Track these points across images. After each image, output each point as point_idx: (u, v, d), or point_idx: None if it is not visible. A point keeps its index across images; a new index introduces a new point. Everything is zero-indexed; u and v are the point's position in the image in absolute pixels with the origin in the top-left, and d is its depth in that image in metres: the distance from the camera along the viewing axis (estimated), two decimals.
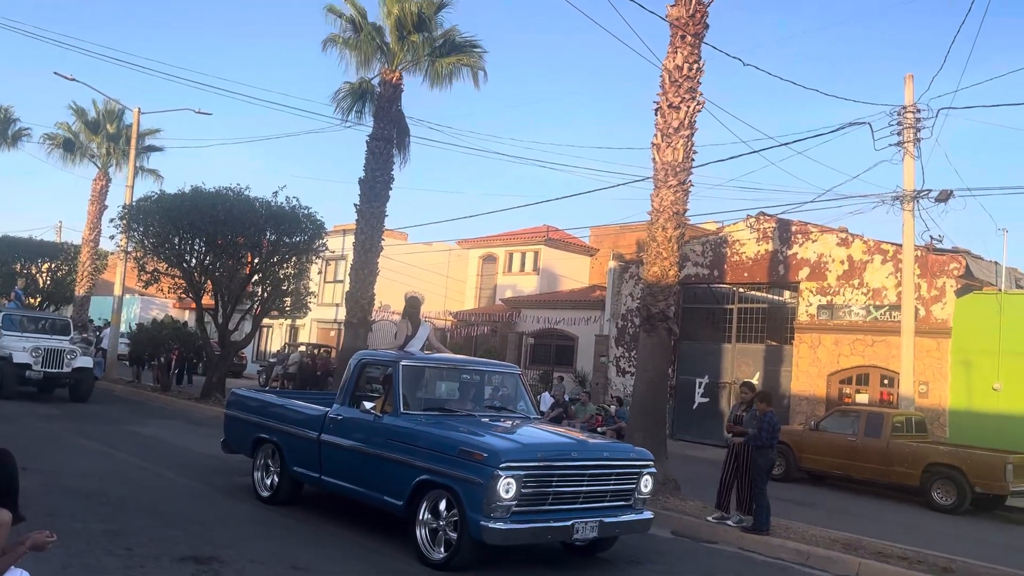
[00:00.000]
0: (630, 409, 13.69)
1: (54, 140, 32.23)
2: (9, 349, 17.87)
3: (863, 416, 16.00)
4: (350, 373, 8.74)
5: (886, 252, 20.48)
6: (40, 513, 6.85)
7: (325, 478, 8.42)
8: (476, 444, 7.01)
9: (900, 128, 17.59)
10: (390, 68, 21.45)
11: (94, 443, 12.57)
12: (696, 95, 12.81)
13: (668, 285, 12.53)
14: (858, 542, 9.56)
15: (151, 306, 44.76)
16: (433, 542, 7.13)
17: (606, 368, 25.96)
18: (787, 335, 22.49)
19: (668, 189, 12.53)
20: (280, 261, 21.40)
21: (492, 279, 36.59)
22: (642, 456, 7.87)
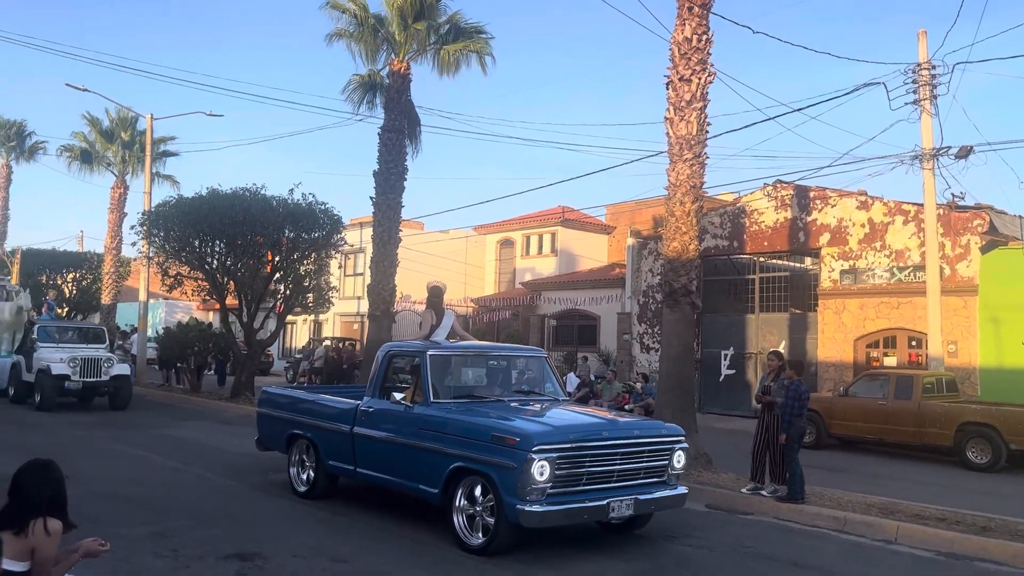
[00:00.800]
0: (658, 385, 13.70)
1: (71, 151, 32.57)
2: (47, 361, 17.83)
3: (892, 379, 15.91)
4: (378, 365, 8.82)
5: (907, 213, 20.27)
6: (84, 520, 6.96)
7: (360, 470, 8.52)
8: (508, 429, 7.06)
9: (915, 86, 17.35)
10: (397, 58, 21.42)
11: (131, 448, 12.77)
12: (707, 66, 12.69)
13: (689, 259, 12.49)
14: (895, 506, 9.54)
15: (176, 310, 45.19)
16: (471, 528, 7.21)
17: (630, 346, 25.95)
18: (811, 302, 22.36)
19: (684, 163, 12.46)
20: (300, 258, 21.54)
21: (510, 263, 36.61)
22: (673, 432, 7.90)
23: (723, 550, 7.69)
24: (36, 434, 13.68)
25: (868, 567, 7.38)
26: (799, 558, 7.51)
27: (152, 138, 28.39)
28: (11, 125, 39.20)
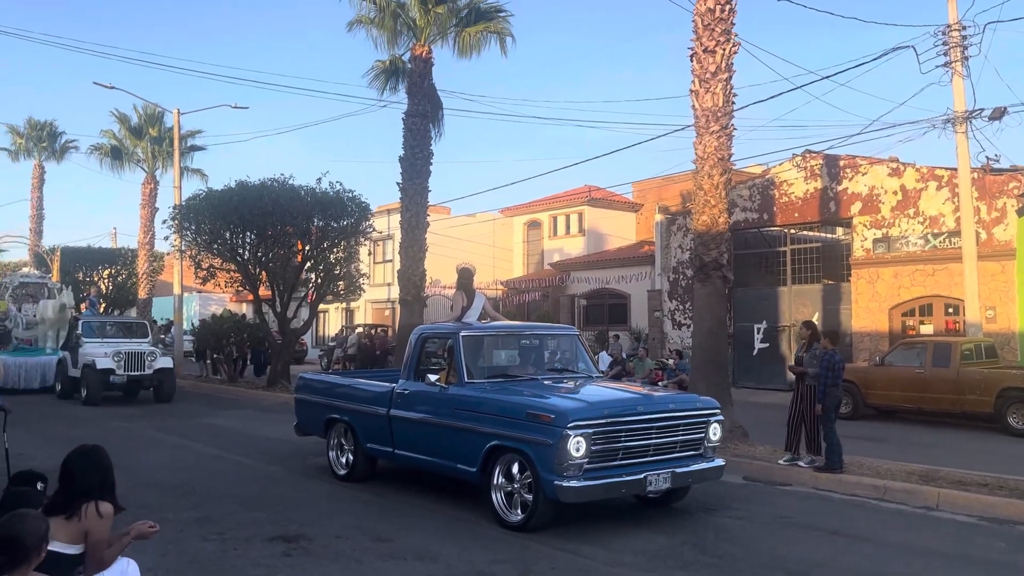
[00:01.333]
0: (691, 360, 13.66)
1: (101, 149, 33.09)
2: (92, 356, 18.03)
3: (930, 347, 15.72)
4: (412, 348, 8.90)
5: (941, 178, 19.92)
6: (133, 506, 7.12)
7: (398, 452, 8.62)
8: (543, 406, 7.11)
9: (946, 48, 16.99)
10: (419, 43, 21.41)
11: (172, 437, 13.03)
12: (731, 37, 12.54)
13: (719, 233, 12.40)
14: (935, 473, 9.46)
15: (209, 302, 45.82)
16: (509, 505, 7.28)
17: (661, 322, 25.87)
18: (844, 272, 22.11)
19: (711, 135, 12.36)
20: (330, 246, 21.70)
21: (538, 244, 36.56)
22: (708, 404, 7.90)
23: (762, 520, 7.69)
24: (80, 427, 14.00)
25: (910, 534, 7.33)
26: (840, 527, 7.48)
27: (179, 133, 28.73)
28: (42, 126, 39.89)
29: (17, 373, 20.27)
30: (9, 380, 19.75)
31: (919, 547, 6.86)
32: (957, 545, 6.97)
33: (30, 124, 39.66)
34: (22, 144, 39.86)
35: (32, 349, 21.92)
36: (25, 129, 39.66)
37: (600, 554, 6.44)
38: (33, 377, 20.50)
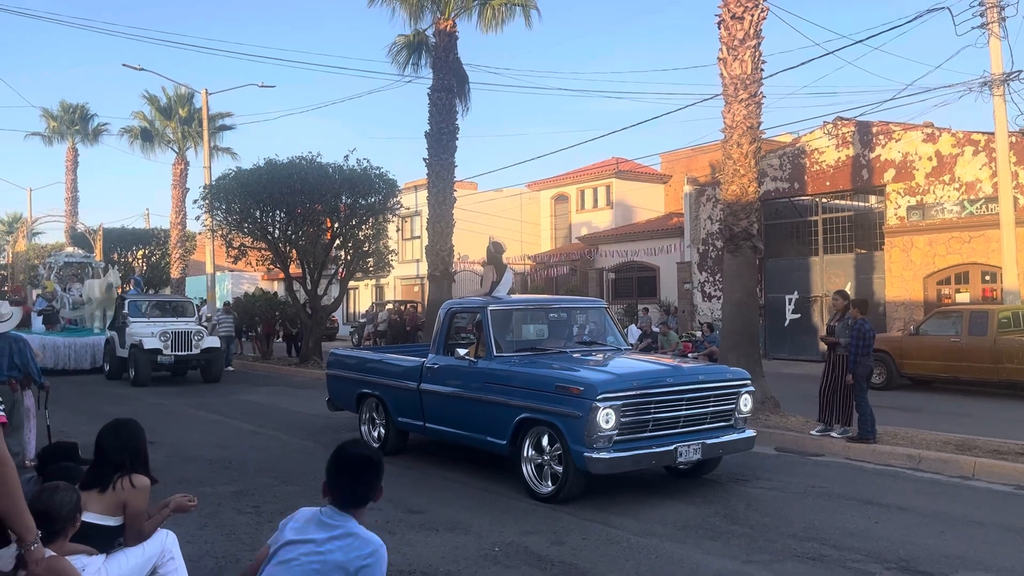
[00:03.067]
0: (721, 331, 13.58)
1: (132, 131, 33.47)
2: (139, 336, 17.78)
3: (966, 315, 15.46)
4: (440, 323, 8.94)
5: (977, 143, 19.48)
6: (170, 480, 7.32)
7: (429, 425, 8.70)
8: (572, 379, 7.12)
9: (982, 9, 16.55)
10: (443, 16, 21.28)
11: (208, 413, 13.26)
12: (759, 2, 12.31)
13: (749, 202, 12.26)
14: (971, 442, 9.34)
15: (241, 280, 46.28)
16: (540, 477, 7.32)
17: (691, 295, 25.72)
18: (877, 241, 21.78)
19: (739, 104, 12.18)
20: (358, 223, 21.78)
21: (566, 218, 36.41)
22: (739, 376, 7.86)
23: (794, 491, 7.66)
24: (119, 404, 14.28)
25: (946, 503, 7.27)
26: (874, 497, 7.43)
27: (208, 113, 28.93)
28: (75, 109, 40.41)
29: (67, 354, 20.26)
30: (60, 361, 19.89)
31: (955, 516, 6.80)
32: (993, 514, 6.89)
33: (63, 107, 40.20)
34: (56, 127, 40.43)
35: (80, 329, 21.96)
36: (58, 112, 40.22)
37: (631, 524, 6.46)
38: (83, 357, 20.43)
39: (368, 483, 2.87)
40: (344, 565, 2.74)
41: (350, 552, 2.76)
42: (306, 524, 2.85)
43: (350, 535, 2.79)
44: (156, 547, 4.08)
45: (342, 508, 2.85)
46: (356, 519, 2.87)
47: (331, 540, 2.78)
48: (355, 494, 2.86)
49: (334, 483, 2.87)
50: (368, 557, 2.76)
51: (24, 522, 2.54)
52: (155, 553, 4.06)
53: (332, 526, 2.81)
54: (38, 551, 2.65)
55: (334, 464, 2.90)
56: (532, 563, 5.55)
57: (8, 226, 61.08)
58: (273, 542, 2.91)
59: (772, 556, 5.72)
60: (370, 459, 2.91)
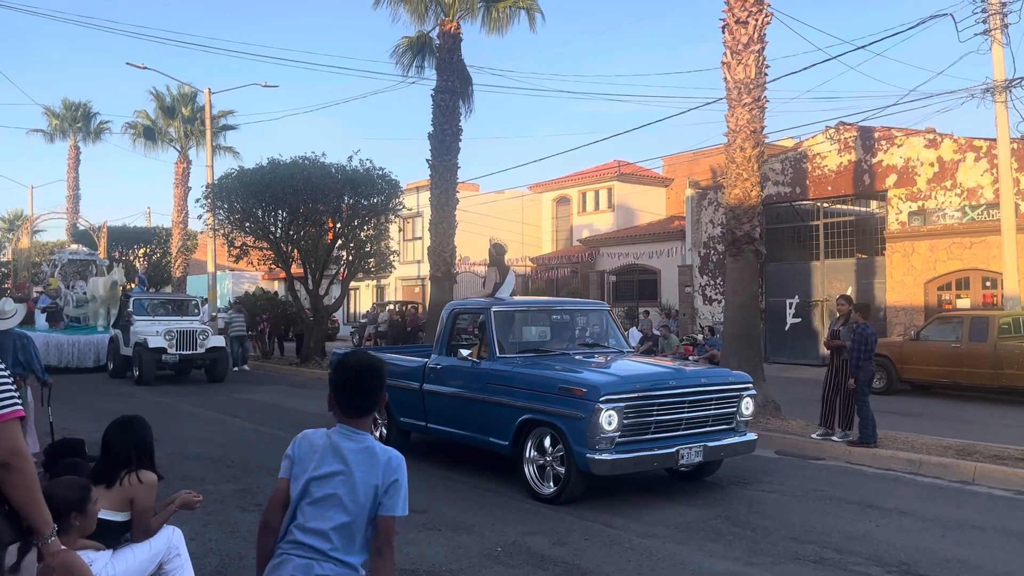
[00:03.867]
0: (723, 335, 13.61)
1: (135, 129, 33.50)
2: (143, 334, 17.54)
3: (966, 321, 15.48)
4: (444, 324, 8.96)
5: (979, 149, 19.51)
6: (174, 478, 7.33)
7: (431, 426, 8.72)
8: (575, 380, 7.15)
9: (985, 16, 16.57)
10: (447, 18, 21.32)
11: (210, 412, 13.28)
12: (763, 7, 12.35)
13: (751, 206, 12.30)
14: (972, 447, 9.37)
15: (242, 280, 46.30)
16: (541, 478, 7.35)
17: (692, 298, 25.75)
18: (878, 246, 21.81)
19: (743, 108, 12.22)
20: (360, 224, 21.81)
21: (567, 221, 36.43)
22: (740, 379, 7.89)
23: (795, 494, 7.69)
24: (121, 401, 14.29)
25: (946, 508, 7.29)
26: (874, 500, 7.46)
27: (211, 112, 28.96)
28: (77, 107, 40.47)
29: (71, 352, 20.17)
30: (63, 358, 19.81)
31: (955, 520, 6.83)
32: (993, 518, 6.92)
33: (65, 105, 40.28)
34: (57, 125, 40.50)
35: (84, 327, 21.87)
36: (60, 110, 40.28)
37: (633, 526, 6.49)
38: (87, 355, 20.32)
39: (375, 390, 2.86)
40: (375, 482, 2.74)
41: (377, 468, 2.75)
42: (324, 452, 2.80)
43: (371, 450, 2.79)
44: (162, 543, 4.10)
45: (351, 416, 2.83)
46: (366, 429, 2.87)
47: (356, 462, 2.76)
48: (364, 402, 2.84)
49: (342, 393, 2.84)
50: (396, 471, 2.77)
51: (42, 515, 2.56)
52: (161, 549, 4.09)
53: (354, 448, 2.79)
54: (54, 544, 2.68)
55: (341, 374, 2.87)
56: (535, 563, 5.57)
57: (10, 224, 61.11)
58: (293, 477, 2.84)
59: (774, 559, 5.74)
60: (373, 365, 2.89)
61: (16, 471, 2.47)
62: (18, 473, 2.47)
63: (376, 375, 2.87)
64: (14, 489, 2.48)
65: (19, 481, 2.47)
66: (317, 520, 2.74)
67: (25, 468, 2.48)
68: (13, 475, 2.47)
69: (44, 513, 2.58)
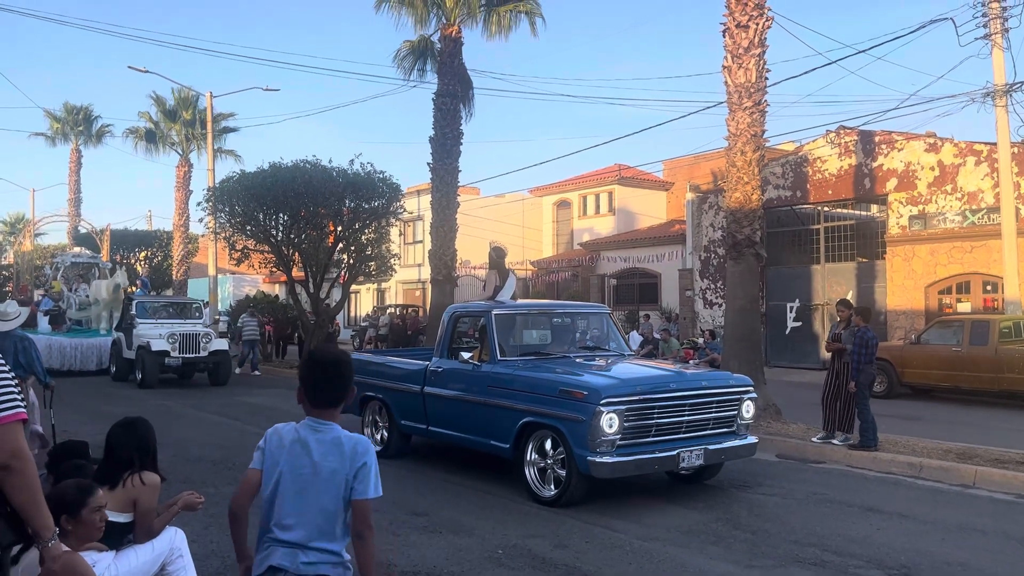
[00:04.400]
0: (724, 338, 13.62)
1: (136, 133, 33.58)
2: (146, 337, 17.43)
3: (967, 325, 15.49)
4: (445, 327, 8.97)
5: (979, 153, 19.54)
6: (174, 481, 7.32)
7: (432, 428, 8.73)
8: (576, 383, 7.16)
9: (986, 20, 16.62)
10: (448, 22, 21.37)
11: (210, 415, 13.29)
12: (764, 11, 12.38)
13: (752, 210, 12.32)
14: (972, 451, 9.37)
15: (243, 283, 46.36)
16: (542, 480, 7.36)
17: (692, 302, 25.76)
18: (878, 250, 21.83)
19: (743, 111, 12.24)
20: (361, 227, 21.81)
21: (568, 224, 36.47)
22: (741, 382, 7.90)
23: (796, 497, 7.69)
24: (122, 404, 14.28)
25: (947, 511, 7.29)
26: (875, 504, 7.46)
27: (212, 115, 29.00)
28: (79, 111, 40.54)
29: (73, 354, 20.09)
30: (66, 361, 19.75)
31: (955, 524, 6.83)
32: (994, 522, 6.92)
33: (67, 109, 40.33)
34: (59, 129, 40.57)
35: (86, 330, 21.81)
36: (62, 114, 40.35)
37: (633, 529, 6.49)
38: (89, 358, 20.25)
39: (341, 382, 2.95)
40: (344, 470, 2.83)
41: (344, 455, 2.84)
42: (293, 446, 2.88)
43: (337, 440, 2.87)
44: (165, 544, 4.12)
45: (318, 407, 2.91)
46: (335, 420, 2.94)
47: (324, 452, 2.84)
48: (332, 393, 2.93)
49: (312, 386, 2.93)
50: (363, 455, 2.86)
51: (42, 518, 2.57)
52: (164, 550, 4.10)
53: (320, 439, 2.87)
54: (55, 547, 2.69)
55: (309, 368, 2.98)
56: (536, 566, 5.58)
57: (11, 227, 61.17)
58: (265, 469, 2.91)
59: (775, 561, 5.75)
60: (339, 359, 3.00)
61: (17, 473, 2.48)
62: (19, 475, 2.48)
63: (341, 368, 2.96)
64: (15, 491, 2.49)
65: (20, 483, 2.48)
66: (294, 514, 2.83)
67: (26, 470, 2.49)
68: (14, 477, 2.48)
69: (45, 516, 2.59)
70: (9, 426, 2.48)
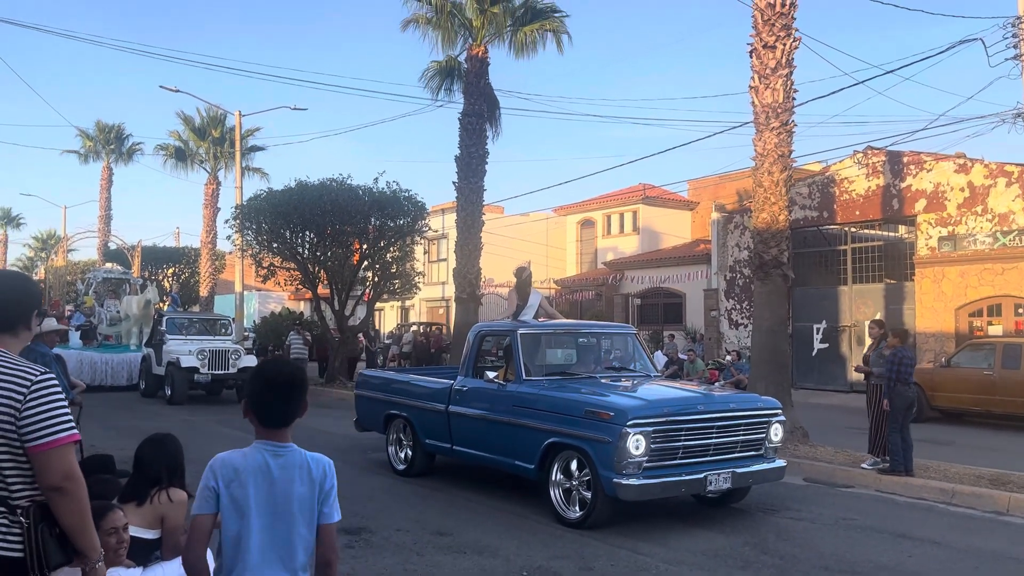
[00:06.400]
0: (751, 359, 13.50)
1: (167, 150, 34.07)
2: (176, 354, 17.56)
3: (999, 348, 15.23)
4: (470, 345, 8.96)
5: (1011, 174, 19.28)
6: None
7: (456, 448, 8.71)
8: (602, 404, 7.11)
9: (1016, 40, 16.42)
10: (475, 43, 21.53)
11: (236, 432, 13.35)
12: (791, 31, 12.36)
13: (779, 230, 12.23)
14: (1006, 477, 9.18)
15: (268, 300, 46.73)
16: (567, 502, 7.29)
17: (717, 322, 25.57)
18: (907, 271, 21.55)
19: (771, 132, 12.19)
20: (386, 245, 21.94)
21: (592, 243, 36.43)
22: (769, 404, 7.80)
23: (825, 522, 7.57)
24: (147, 420, 14.43)
25: (980, 538, 7.14)
26: (906, 530, 7.32)
27: (241, 134, 29.35)
28: (111, 129, 41.25)
29: (104, 369, 20.27)
30: (96, 377, 19.89)
31: (988, 551, 6.68)
32: None
33: (99, 127, 41.05)
34: (91, 147, 41.28)
35: (117, 345, 22.02)
36: (94, 132, 41.07)
37: (659, 552, 6.42)
38: (119, 373, 20.43)
39: (295, 399, 2.74)
40: (313, 494, 2.70)
41: (312, 480, 2.70)
42: (255, 475, 2.66)
43: (303, 463, 2.71)
44: None
45: (272, 427, 2.72)
46: (285, 439, 2.75)
47: (291, 479, 2.67)
48: (285, 413, 2.73)
49: (262, 404, 2.71)
50: (329, 477, 2.74)
51: (91, 539, 2.59)
52: None
53: (283, 464, 2.68)
54: (101, 570, 2.70)
55: (262, 385, 2.74)
56: None
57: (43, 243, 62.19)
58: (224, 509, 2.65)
59: None
60: (294, 375, 2.77)
61: (69, 496, 2.49)
62: (71, 498, 2.49)
63: (296, 385, 2.76)
64: (66, 513, 2.51)
65: (71, 506, 2.50)
66: (268, 549, 2.66)
67: (78, 493, 2.51)
68: (66, 499, 2.49)
69: (93, 538, 2.60)
70: (63, 448, 2.49)
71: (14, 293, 2.70)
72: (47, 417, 2.48)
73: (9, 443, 2.46)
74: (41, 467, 2.47)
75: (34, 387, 2.49)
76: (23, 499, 2.50)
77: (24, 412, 2.46)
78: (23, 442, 2.46)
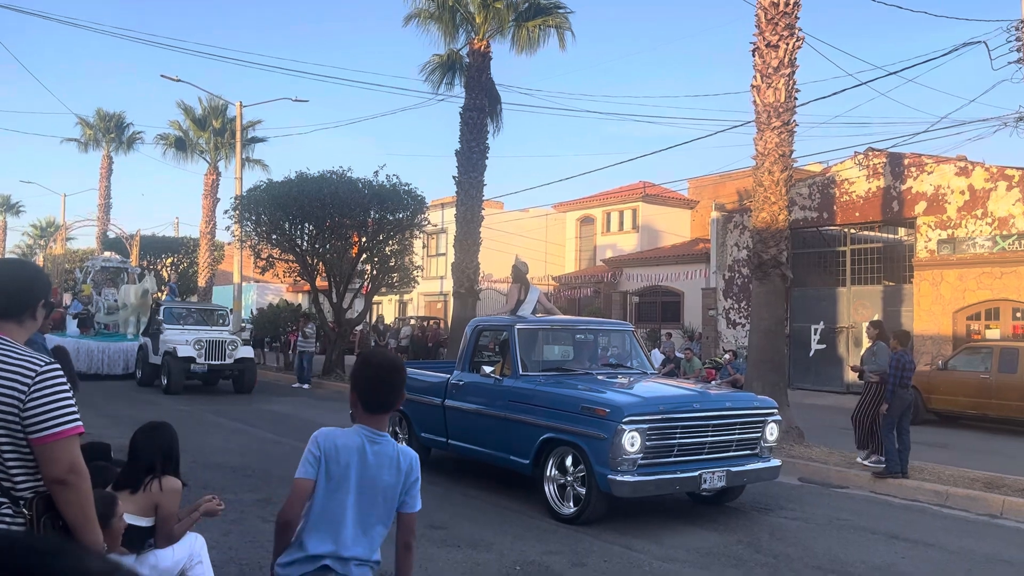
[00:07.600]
0: (748, 359, 13.50)
1: (167, 140, 33.99)
2: (173, 343, 17.51)
3: (996, 352, 15.24)
4: (467, 340, 8.96)
5: (1011, 178, 19.28)
6: (194, 487, 7.33)
7: (452, 442, 8.71)
8: (598, 400, 7.11)
9: (1019, 43, 16.40)
10: (477, 37, 21.49)
11: (231, 422, 13.35)
12: (794, 31, 12.34)
13: (779, 230, 12.23)
14: (1000, 480, 9.19)
15: (266, 292, 46.63)
16: (562, 497, 7.30)
17: (715, 321, 25.58)
18: (906, 274, 21.57)
19: (772, 131, 12.18)
20: (385, 238, 21.92)
21: (591, 240, 36.41)
22: (765, 404, 7.81)
23: (818, 522, 7.58)
24: (144, 409, 14.41)
25: (973, 541, 7.15)
26: (899, 531, 7.33)
27: (242, 125, 29.28)
28: (111, 118, 41.13)
29: (100, 358, 20.27)
30: (93, 365, 19.91)
31: (982, 554, 6.70)
32: (1022, 553, 6.78)
33: (99, 116, 40.92)
34: (91, 135, 41.15)
35: (114, 334, 21.97)
36: (94, 120, 40.93)
37: (653, 549, 6.42)
38: (116, 363, 20.42)
39: (397, 386, 2.95)
40: (399, 484, 2.87)
41: (399, 469, 2.87)
42: (358, 455, 2.84)
43: (393, 453, 2.89)
44: (185, 550, 4.13)
45: (374, 413, 2.90)
46: (385, 427, 2.95)
47: (382, 466, 2.85)
48: (388, 399, 2.93)
49: (368, 390, 2.90)
50: (415, 470, 2.92)
51: (93, 533, 2.57)
52: (184, 555, 4.11)
53: (378, 451, 2.86)
54: None
55: (369, 372, 2.93)
56: None
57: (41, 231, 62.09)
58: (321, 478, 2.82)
59: None
60: (396, 363, 3.03)
61: (73, 488, 2.48)
62: (74, 491, 2.48)
63: (399, 372, 2.97)
64: (68, 506, 2.49)
65: (74, 499, 2.48)
66: (353, 525, 2.83)
67: (82, 486, 2.49)
68: (69, 492, 2.47)
69: (96, 531, 2.58)
70: (68, 440, 2.47)
71: (21, 282, 2.66)
72: (52, 409, 2.45)
73: (13, 434, 2.44)
74: (45, 459, 2.45)
75: (39, 378, 2.46)
76: (27, 491, 2.48)
77: (28, 403, 2.43)
78: (27, 433, 2.43)
